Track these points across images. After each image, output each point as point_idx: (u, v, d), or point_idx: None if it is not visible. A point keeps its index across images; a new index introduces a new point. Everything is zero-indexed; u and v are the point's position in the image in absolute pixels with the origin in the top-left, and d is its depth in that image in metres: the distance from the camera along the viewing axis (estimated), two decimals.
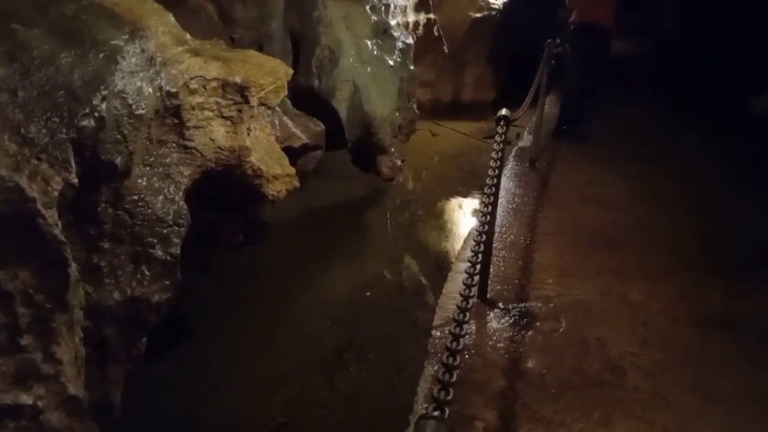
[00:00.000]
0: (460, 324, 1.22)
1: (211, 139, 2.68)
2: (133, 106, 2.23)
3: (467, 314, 1.26)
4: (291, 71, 3.06)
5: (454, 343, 1.14)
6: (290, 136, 3.34)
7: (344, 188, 4.61)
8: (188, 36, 2.76)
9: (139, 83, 2.30)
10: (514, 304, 2.88)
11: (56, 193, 1.73)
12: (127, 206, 2.32)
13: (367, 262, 3.96)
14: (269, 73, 2.91)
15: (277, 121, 3.31)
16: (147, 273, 2.33)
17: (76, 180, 1.80)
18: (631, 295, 3.00)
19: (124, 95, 2.19)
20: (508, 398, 2.33)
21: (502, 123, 2.58)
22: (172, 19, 2.71)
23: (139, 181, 2.38)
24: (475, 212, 4.48)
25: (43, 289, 1.42)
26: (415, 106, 4.82)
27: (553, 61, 4.64)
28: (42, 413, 1.41)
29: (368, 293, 3.64)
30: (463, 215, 4.58)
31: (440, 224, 4.48)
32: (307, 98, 4.06)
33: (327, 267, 3.83)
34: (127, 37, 2.35)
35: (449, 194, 4.88)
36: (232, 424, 2.67)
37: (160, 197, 2.42)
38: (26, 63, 1.91)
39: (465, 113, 6.38)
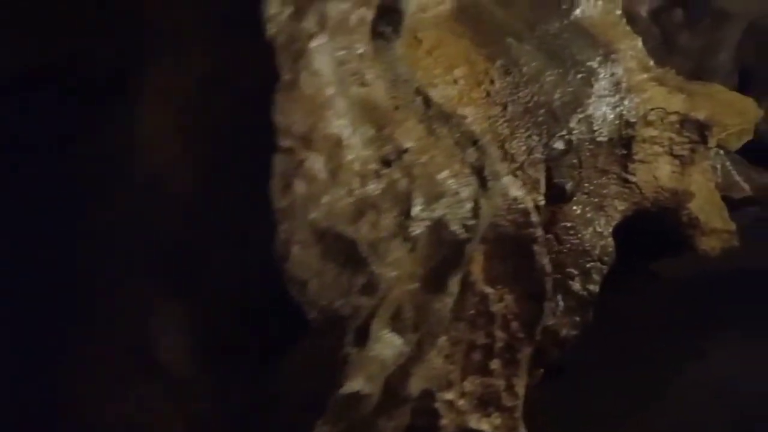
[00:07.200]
0: None
1: (654, 177, 2.42)
2: (596, 132, 2.12)
3: None
4: (761, 112, 2.60)
5: None
6: (732, 186, 2.88)
7: (766, 253, 3.85)
8: (652, 63, 2.54)
9: (604, 108, 2.18)
10: None
11: None
12: (557, 231, 2.23)
13: None
14: (737, 114, 2.51)
15: (719, 166, 2.87)
16: (561, 303, 2.22)
17: (543, 201, 1.76)
18: None
19: (591, 120, 2.10)
20: None
21: None
22: (641, 44, 2.52)
23: (575, 208, 2.27)
24: None
25: (519, 317, 1.40)
26: None
27: None
28: None
29: None
30: None
31: None
32: (748, 143, 3.48)
33: (726, 343, 3.22)
34: (600, 59, 2.25)
35: None
36: None
37: (590, 229, 2.28)
38: (517, 78, 1.94)
39: None
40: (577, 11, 2.32)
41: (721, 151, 2.91)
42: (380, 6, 1.10)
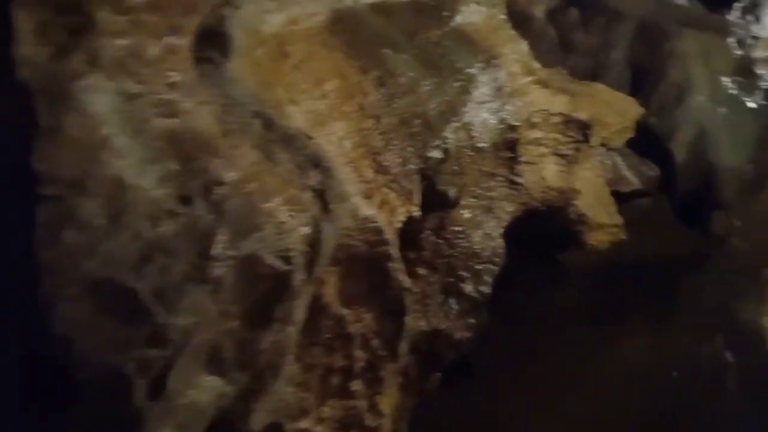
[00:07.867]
0: None
1: (542, 177, 2.49)
2: (476, 139, 2.16)
3: None
4: (641, 110, 2.71)
5: None
6: (620, 180, 3.00)
7: (660, 242, 4.01)
8: (537, 65, 2.59)
9: (484, 115, 2.22)
10: None
11: (399, 224, 1.71)
12: (447, 236, 2.26)
13: (675, 337, 3.36)
14: (618, 113, 2.60)
15: (609, 162, 2.98)
16: (454, 307, 2.25)
17: (418, 212, 1.76)
18: None
19: (470, 127, 2.14)
20: None
21: None
22: (526, 47, 2.58)
23: (462, 212, 2.31)
24: None
25: (380, 334, 1.40)
26: None
27: None
28: None
29: (675, 374, 3.07)
30: None
31: None
32: (638, 136, 3.63)
33: (628, 331, 3.35)
34: (481, 65, 2.29)
35: None
36: None
37: (480, 231, 2.32)
38: (392, 89, 1.94)
39: None
40: (458, 18, 2.33)
41: (611, 148, 3.01)
42: (200, 31, 1.06)
